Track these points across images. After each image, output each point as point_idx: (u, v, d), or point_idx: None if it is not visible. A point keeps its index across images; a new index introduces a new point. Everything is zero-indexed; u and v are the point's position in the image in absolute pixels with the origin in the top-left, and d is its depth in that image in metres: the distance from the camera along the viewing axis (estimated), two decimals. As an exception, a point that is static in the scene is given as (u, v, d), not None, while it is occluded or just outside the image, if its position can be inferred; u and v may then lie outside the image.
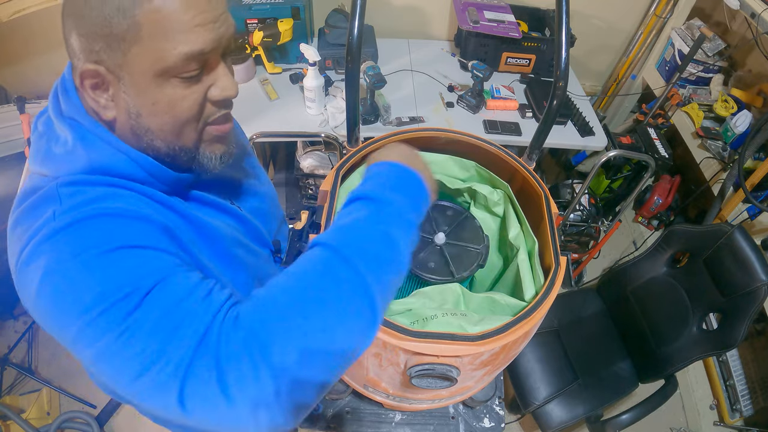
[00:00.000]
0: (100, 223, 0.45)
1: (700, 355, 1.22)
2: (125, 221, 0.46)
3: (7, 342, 1.76)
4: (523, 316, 0.60)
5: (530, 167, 0.79)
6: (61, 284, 0.42)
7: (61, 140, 0.50)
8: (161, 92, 0.48)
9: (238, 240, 0.64)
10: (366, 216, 0.47)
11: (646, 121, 1.95)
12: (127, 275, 0.42)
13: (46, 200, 0.47)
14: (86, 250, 0.43)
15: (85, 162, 0.49)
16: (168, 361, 0.39)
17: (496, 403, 1.05)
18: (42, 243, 0.44)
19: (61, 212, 0.45)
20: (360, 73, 0.90)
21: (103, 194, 0.48)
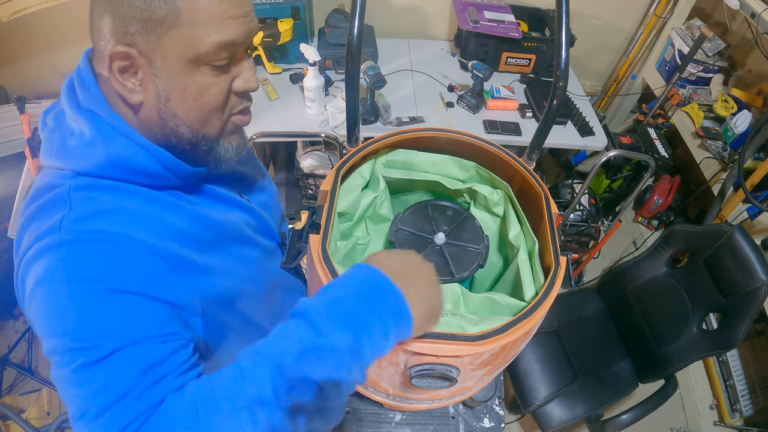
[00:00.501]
0: (100, 251, 0.46)
1: (700, 355, 1.22)
2: (126, 256, 0.47)
3: (7, 342, 1.76)
4: (523, 316, 0.60)
5: (530, 167, 0.79)
6: (48, 300, 0.45)
7: (77, 133, 0.50)
8: (192, 78, 0.49)
9: (247, 236, 0.66)
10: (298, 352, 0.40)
11: (646, 121, 1.95)
12: (100, 324, 0.44)
13: (57, 203, 0.48)
14: (79, 281, 0.45)
15: (102, 156, 0.49)
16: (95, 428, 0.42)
17: (496, 403, 1.05)
18: (44, 251, 0.46)
19: (69, 222, 0.47)
20: (360, 73, 0.90)
21: (114, 207, 0.49)
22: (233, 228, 0.63)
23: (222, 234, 0.60)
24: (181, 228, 0.54)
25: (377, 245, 0.85)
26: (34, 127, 1.52)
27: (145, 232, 0.50)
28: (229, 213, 0.63)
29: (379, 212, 0.82)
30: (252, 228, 0.68)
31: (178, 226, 0.53)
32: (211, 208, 0.60)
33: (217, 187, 0.63)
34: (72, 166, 0.50)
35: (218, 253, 0.59)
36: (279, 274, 0.76)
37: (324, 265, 0.61)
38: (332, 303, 0.42)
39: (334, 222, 0.69)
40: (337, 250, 0.74)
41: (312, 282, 0.70)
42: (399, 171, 0.83)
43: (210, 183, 0.62)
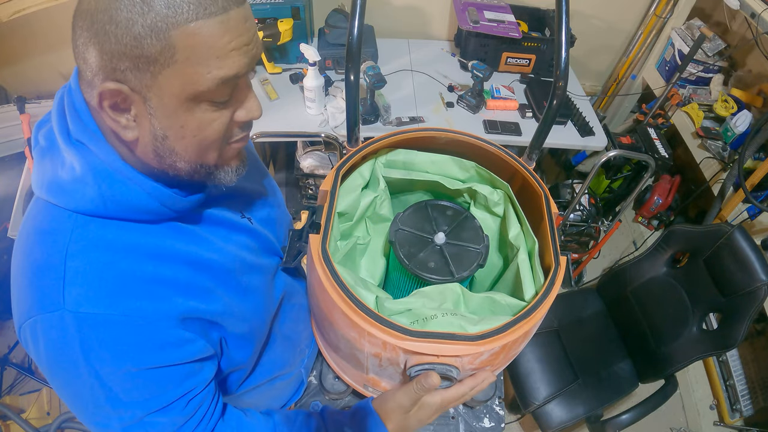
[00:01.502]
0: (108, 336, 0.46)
1: (700, 355, 1.22)
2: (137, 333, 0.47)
3: (7, 342, 1.76)
4: (523, 316, 0.60)
5: (530, 167, 0.79)
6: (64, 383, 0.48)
7: (68, 165, 0.47)
8: (191, 116, 0.45)
9: (248, 264, 0.63)
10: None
11: (646, 121, 1.95)
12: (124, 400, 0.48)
13: (51, 270, 0.46)
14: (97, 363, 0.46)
15: (95, 194, 0.46)
16: None
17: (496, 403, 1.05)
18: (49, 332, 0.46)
19: (71, 303, 0.45)
20: (360, 73, 0.90)
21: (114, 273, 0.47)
22: (232, 260, 0.60)
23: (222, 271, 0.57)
24: (183, 278, 0.52)
25: (377, 245, 0.85)
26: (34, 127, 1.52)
27: (150, 299, 0.48)
28: (228, 240, 0.61)
29: (379, 212, 0.82)
30: (254, 252, 0.65)
31: (180, 276, 0.52)
32: (212, 235, 0.58)
33: (216, 210, 0.60)
34: (65, 204, 0.47)
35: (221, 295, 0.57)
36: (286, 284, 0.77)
37: (324, 265, 0.61)
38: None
39: (334, 222, 0.69)
40: (337, 250, 0.74)
41: (312, 282, 0.70)
42: (399, 171, 0.83)
43: (209, 206, 0.59)
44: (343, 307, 0.58)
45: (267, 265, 0.69)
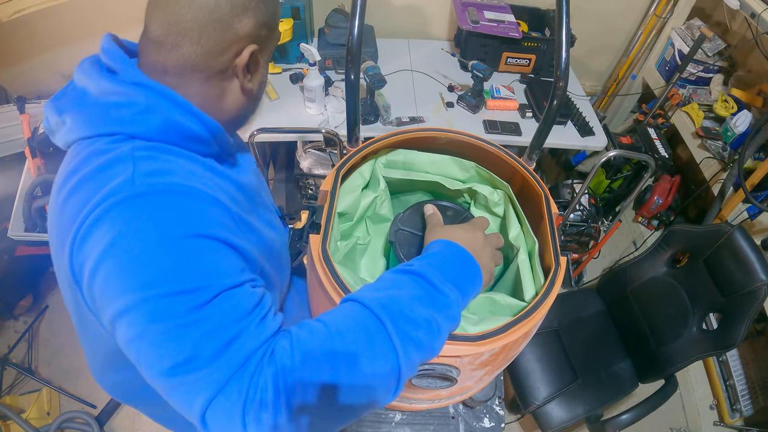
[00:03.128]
0: (182, 201, 0.47)
1: (700, 355, 1.22)
2: (205, 206, 0.49)
3: (7, 342, 1.76)
4: (523, 317, 0.60)
5: (530, 167, 0.79)
6: (134, 250, 0.43)
7: (124, 104, 0.51)
8: (267, 68, 0.63)
9: (266, 203, 0.72)
10: (419, 297, 0.49)
11: (646, 121, 1.95)
12: (203, 268, 0.44)
13: (118, 161, 0.48)
14: (169, 228, 0.45)
15: (159, 121, 0.51)
16: (207, 375, 0.41)
17: (496, 403, 1.05)
18: (120, 204, 0.45)
19: (142, 176, 0.47)
20: (360, 73, 0.90)
21: (178, 166, 0.50)
22: (259, 193, 0.68)
23: (253, 199, 0.64)
24: (229, 191, 0.56)
25: (377, 245, 0.85)
26: (34, 127, 1.52)
27: (211, 189, 0.51)
28: (252, 181, 0.67)
29: (379, 212, 0.82)
30: (267, 195, 0.74)
31: (227, 189, 0.56)
32: (239, 175, 0.63)
33: (239, 154, 0.67)
34: (124, 130, 0.50)
35: (255, 216, 0.62)
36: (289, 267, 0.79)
37: (324, 265, 0.61)
38: (440, 267, 0.52)
39: (334, 222, 0.69)
40: (337, 250, 0.74)
41: (312, 281, 0.70)
42: (399, 171, 0.83)
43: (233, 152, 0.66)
44: (343, 307, 0.57)
45: (275, 221, 0.73)
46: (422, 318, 0.47)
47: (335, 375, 0.42)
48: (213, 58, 0.53)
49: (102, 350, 0.63)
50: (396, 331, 0.45)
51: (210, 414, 0.40)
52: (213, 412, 0.40)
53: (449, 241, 0.57)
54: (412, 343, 0.46)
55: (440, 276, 0.51)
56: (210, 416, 0.40)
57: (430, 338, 0.47)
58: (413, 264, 0.53)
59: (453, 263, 0.54)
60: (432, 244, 0.58)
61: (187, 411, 0.42)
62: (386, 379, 0.45)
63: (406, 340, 0.45)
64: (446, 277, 0.51)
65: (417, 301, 0.48)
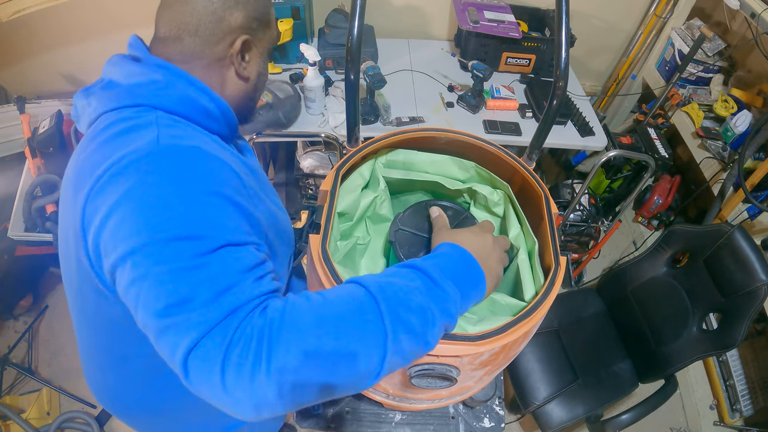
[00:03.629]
0: (200, 160, 0.51)
1: (700, 355, 1.22)
2: (220, 169, 0.53)
3: (7, 342, 1.76)
4: (523, 316, 0.60)
5: (530, 167, 0.79)
6: (149, 198, 0.46)
7: (146, 82, 0.57)
8: (266, 62, 0.69)
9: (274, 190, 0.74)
10: (417, 287, 0.49)
11: (646, 121, 1.95)
12: (211, 219, 0.47)
13: (143, 126, 0.53)
14: (185, 181, 0.48)
15: (176, 95, 0.57)
16: (197, 317, 0.42)
17: (496, 403, 1.05)
18: (143, 159, 0.49)
19: (166, 137, 0.51)
20: (360, 73, 0.90)
21: (197, 136, 0.56)
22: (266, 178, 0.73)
23: (261, 179, 0.68)
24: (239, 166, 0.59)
25: (377, 245, 0.85)
26: (34, 127, 1.52)
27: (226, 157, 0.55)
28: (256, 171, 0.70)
29: (379, 212, 0.82)
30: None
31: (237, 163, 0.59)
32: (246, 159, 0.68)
33: (245, 146, 0.74)
34: (147, 102, 0.56)
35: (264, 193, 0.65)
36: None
37: (324, 264, 0.61)
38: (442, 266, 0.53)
39: (334, 222, 0.69)
40: (337, 250, 0.74)
41: (312, 281, 0.70)
42: (399, 171, 0.83)
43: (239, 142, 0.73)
44: (343, 307, 0.57)
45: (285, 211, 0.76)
46: (416, 304, 0.47)
47: (320, 339, 0.42)
48: (210, 47, 0.61)
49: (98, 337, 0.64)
50: (388, 311, 0.45)
51: (192, 358, 0.41)
52: (195, 355, 0.41)
53: (455, 245, 0.58)
54: (403, 325, 0.46)
55: (440, 273, 0.51)
56: (192, 361, 0.41)
57: (422, 325, 0.47)
58: (416, 261, 0.53)
59: (456, 264, 0.55)
60: (438, 246, 0.59)
61: (171, 356, 0.43)
62: (370, 355, 0.44)
63: (397, 322, 0.46)
64: (446, 275, 0.52)
65: (414, 290, 0.49)
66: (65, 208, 0.57)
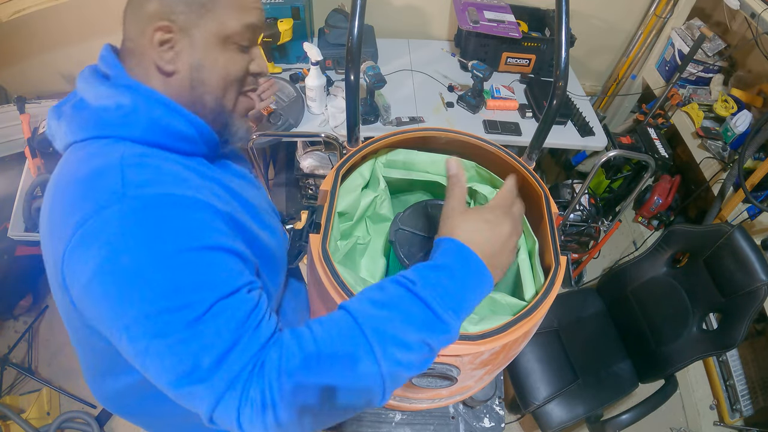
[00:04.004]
0: (171, 212, 0.47)
1: (700, 355, 1.22)
2: (195, 213, 0.49)
3: (7, 342, 1.76)
4: (523, 316, 0.60)
5: (530, 167, 0.79)
6: (128, 267, 0.44)
7: (114, 107, 0.53)
8: (222, 53, 0.57)
9: (265, 209, 0.70)
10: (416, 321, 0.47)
11: (646, 121, 1.95)
12: (196, 281, 0.46)
13: (108, 171, 0.48)
14: (160, 242, 0.45)
15: (144, 121, 0.53)
16: (208, 386, 0.44)
17: (496, 403, 1.05)
18: (111, 219, 0.45)
19: (132, 187, 0.47)
20: (360, 73, 0.90)
21: (167, 172, 0.51)
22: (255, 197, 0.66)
23: (246, 202, 0.63)
24: (219, 193, 0.57)
25: (377, 245, 0.85)
26: (34, 127, 1.52)
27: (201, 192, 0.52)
28: (246, 189, 0.66)
29: (379, 212, 0.82)
30: (266, 203, 0.72)
31: (216, 191, 0.56)
32: (230, 178, 0.63)
33: (231, 163, 0.67)
34: (114, 133, 0.52)
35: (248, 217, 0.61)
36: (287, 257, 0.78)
37: (324, 264, 0.61)
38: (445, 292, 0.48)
39: (334, 222, 0.69)
40: (337, 249, 0.74)
41: (312, 281, 0.70)
42: (399, 171, 0.83)
43: (226, 158, 0.66)
44: (344, 306, 0.57)
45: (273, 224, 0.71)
46: (415, 342, 0.46)
47: (318, 396, 0.45)
48: (140, 44, 0.54)
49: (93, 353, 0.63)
50: (384, 357, 0.45)
51: (215, 416, 0.45)
52: (217, 415, 0.45)
53: (463, 248, 0.50)
54: (401, 366, 0.46)
55: (442, 302, 0.47)
56: (216, 418, 0.46)
57: (421, 360, 0.47)
58: (416, 280, 0.48)
59: (462, 284, 0.49)
60: (443, 245, 0.51)
61: (196, 413, 0.47)
62: (369, 401, 0.46)
63: (394, 365, 0.45)
64: (449, 303, 0.48)
65: (413, 325, 0.46)
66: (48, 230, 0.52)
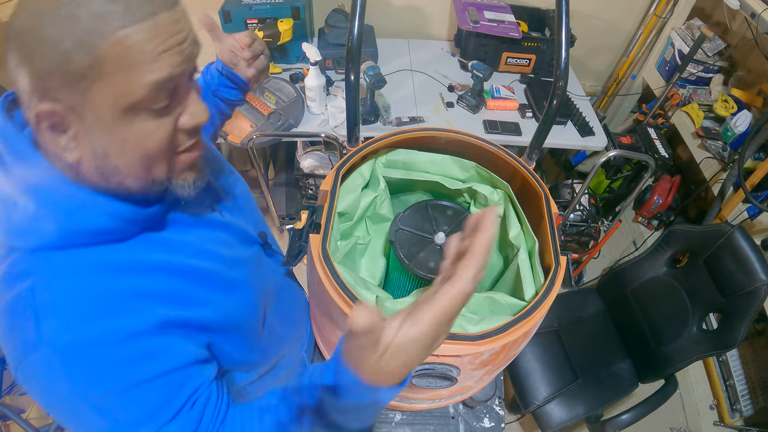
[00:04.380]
0: (98, 355, 0.44)
1: (700, 355, 1.22)
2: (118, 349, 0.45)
3: (7, 342, 1.75)
4: (523, 316, 0.60)
5: (530, 167, 0.79)
6: (64, 417, 0.46)
7: (20, 206, 0.44)
8: (131, 128, 0.43)
9: (228, 260, 0.60)
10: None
11: (646, 121, 1.95)
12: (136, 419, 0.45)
13: (22, 313, 0.44)
14: (91, 390, 0.44)
15: (53, 229, 0.44)
16: None
17: (496, 403, 1.05)
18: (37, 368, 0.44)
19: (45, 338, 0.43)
20: (360, 73, 0.90)
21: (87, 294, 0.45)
22: (212, 260, 0.57)
23: (202, 273, 0.55)
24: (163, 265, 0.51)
25: (377, 245, 0.85)
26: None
27: (126, 314, 0.46)
28: (204, 239, 0.58)
29: (379, 212, 0.82)
30: (231, 246, 0.63)
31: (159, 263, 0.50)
32: (187, 236, 0.55)
33: (186, 211, 0.57)
34: (24, 244, 0.45)
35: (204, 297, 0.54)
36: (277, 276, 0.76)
37: (324, 264, 0.61)
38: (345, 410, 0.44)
39: (334, 222, 0.69)
40: (337, 249, 0.74)
41: (312, 281, 0.70)
42: (399, 171, 0.83)
43: (178, 209, 0.55)
44: (344, 306, 0.58)
45: (248, 256, 0.66)
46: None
47: None
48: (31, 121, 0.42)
49: None
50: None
51: None
52: None
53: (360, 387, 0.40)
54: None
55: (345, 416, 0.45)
56: None
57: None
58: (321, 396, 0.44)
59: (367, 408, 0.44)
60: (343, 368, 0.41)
61: None
62: None
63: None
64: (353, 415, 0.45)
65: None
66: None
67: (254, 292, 0.65)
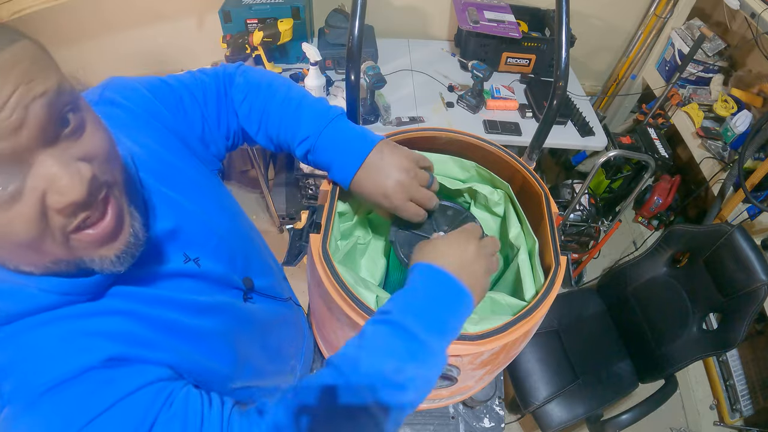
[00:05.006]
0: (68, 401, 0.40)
1: (700, 355, 1.22)
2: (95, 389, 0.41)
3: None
4: (523, 316, 0.60)
5: (530, 167, 0.79)
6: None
7: None
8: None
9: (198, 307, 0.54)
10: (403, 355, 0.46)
11: (646, 121, 1.95)
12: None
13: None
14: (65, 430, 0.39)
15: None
16: None
17: (496, 403, 1.05)
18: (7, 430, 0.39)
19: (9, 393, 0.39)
20: (360, 73, 0.90)
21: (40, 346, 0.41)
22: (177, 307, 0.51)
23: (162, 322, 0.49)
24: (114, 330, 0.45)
25: (377, 245, 0.85)
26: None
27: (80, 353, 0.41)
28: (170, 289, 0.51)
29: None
30: (205, 293, 0.55)
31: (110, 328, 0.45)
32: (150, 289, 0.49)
33: (148, 267, 0.49)
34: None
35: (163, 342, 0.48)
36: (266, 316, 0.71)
37: (324, 264, 0.61)
38: (422, 312, 0.48)
39: (334, 221, 0.69)
40: (337, 249, 0.74)
41: (312, 281, 0.70)
42: (399, 171, 0.82)
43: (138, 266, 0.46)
44: (344, 306, 0.58)
45: (225, 303, 0.59)
46: (409, 380, 0.46)
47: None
48: None
49: None
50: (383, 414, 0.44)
51: None
52: None
53: (433, 268, 0.51)
54: (401, 409, 0.46)
55: (424, 327, 0.47)
56: None
57: (418, 393, 0.47)
58: (392, 311, 0.48)
59: (438, 303, 0.50)
60: (415, 269, 0.53)
61: None
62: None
63: (395, 411, 0.45)
64: (431, 326, 0.48)
65: (402, 361, 0.46)
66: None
67: (228, 341, 0.58)
